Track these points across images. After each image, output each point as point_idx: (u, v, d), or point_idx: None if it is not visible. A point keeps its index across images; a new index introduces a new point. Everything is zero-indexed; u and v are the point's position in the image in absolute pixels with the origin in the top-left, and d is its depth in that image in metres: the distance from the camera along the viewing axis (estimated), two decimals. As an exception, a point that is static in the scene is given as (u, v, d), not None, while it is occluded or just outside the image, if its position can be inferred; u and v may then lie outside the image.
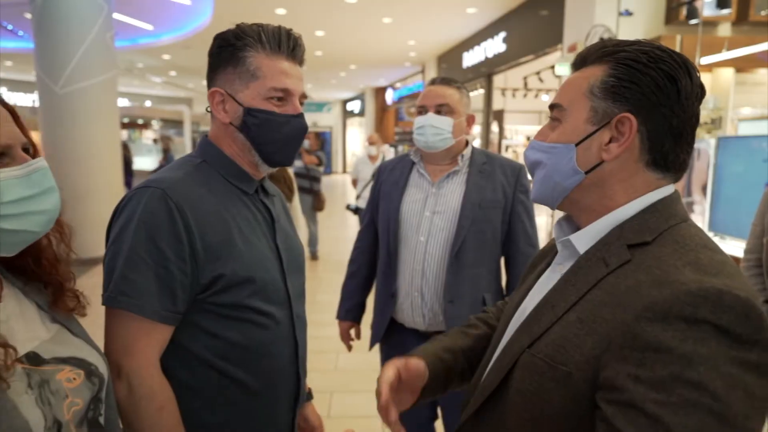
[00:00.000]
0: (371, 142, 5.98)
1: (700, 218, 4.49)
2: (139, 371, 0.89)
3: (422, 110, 1.59)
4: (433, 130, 1.54)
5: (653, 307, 0.57)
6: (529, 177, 0.83)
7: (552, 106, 0.75)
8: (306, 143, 6.31)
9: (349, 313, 1.80)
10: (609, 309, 0.61)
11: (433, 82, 1.62)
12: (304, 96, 1.04)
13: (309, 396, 1.22)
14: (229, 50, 0.98)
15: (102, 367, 0.74)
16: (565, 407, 0.63)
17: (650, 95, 0.66)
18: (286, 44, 0.99)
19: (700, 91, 0.68)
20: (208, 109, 1.02)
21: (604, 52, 0.71)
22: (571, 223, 0.79)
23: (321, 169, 6.23)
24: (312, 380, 1.20)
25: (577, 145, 0.70)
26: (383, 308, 1.65)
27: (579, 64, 0.75)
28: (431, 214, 1.58)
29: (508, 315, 0.83)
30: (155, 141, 15.06)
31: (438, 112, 1.56)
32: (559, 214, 0.81)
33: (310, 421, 1.23)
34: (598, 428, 0.59)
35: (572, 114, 0.71)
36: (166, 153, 10.91)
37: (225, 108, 1.00)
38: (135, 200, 0.91)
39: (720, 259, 0.62)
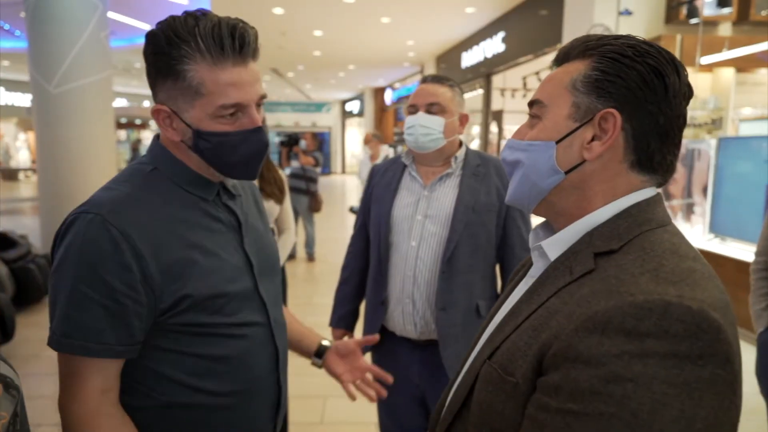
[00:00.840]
0: (365, 142, 5.88)
1: (700, 220, 4.44)
2: (85, 418, 0.82)
3: (413, 109, 1.53)
4: (423, 129, 1.49)
5: (595, 318, 0.53)
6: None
7: (531, 103, 0.70)
8: (303, 144, 6.26)
9: (342, 320, 1.75)
10: (558, 317, 0.58)
11: (424, 80, 1.56)
12: (262, 98, 0.89)
13: (321, 351, 1.20)
14: (164, 60, 0.83)
15: (16, 379, 0.69)
16: (515, 420, 0.59)
17: (636, 90, 0.62)
18: (230, 45, 0.82)
19: (688, 91, 0.64)
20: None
21: (587, 46, 0.66)
22: (548, 230, 0.74)
23: (318, 169, 6.17)
24: (305, 385, 1.16)
25: (557, 143, 0.66)
26: (373, 316, 1.60)
27: (561, 59, 0.70)
28: (423, 218, 1.52)
29: (482, 329, 0.80)
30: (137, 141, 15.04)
31: (429, 111, 1.50)
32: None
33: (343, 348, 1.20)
34: None
35: (553, 110, 0.67)
36: (135, 153, 10.92)
37: (173, 125, 0.88)
38: (74, 228, 0.82)
39: (687, 267, 0.56)
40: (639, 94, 0.61)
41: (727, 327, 0.51)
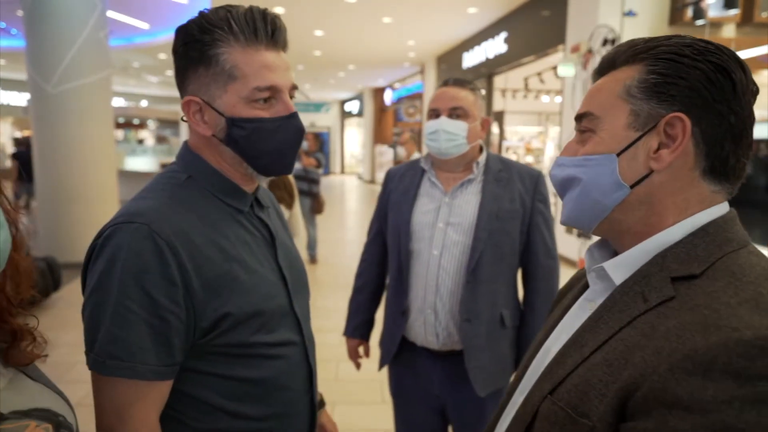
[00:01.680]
0: (402, 142, 5.54)
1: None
2: None
3: (434, 114, 1.48)
4: (447, 135, 1.44)
5: (694, 357, 0.47)
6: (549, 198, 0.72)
7: (580, 117, 0.64)
8: (305, 144, 6.21)
9: (357, 330, 1.69)
10: (642, 353, 0.52)
11: (445, 83, 1.51)
12: (294, 88, 0.87)
13: (321, 403, 1.13)
14: (196, 47, 0.81)
15: (70, 416, 0.62)
16: None
17: (702, 90, 0.57)
18: (263, 30, 0.81)
19: (755, 87, 0.59)
20: (184, 118, 0.87)
21: (635, 50, 0.61)
22: (604, 249, 0.69)
23: (320, 171, 6.12)
24: None
25: (618, 155, 0.60)
26: (393, 327, 1.55)
27: (606, 68, 0.65)
28: (445, 226, 1.47)
29: (530, 355, 0.74)
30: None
31: (451, 115, 1.46)
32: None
33: (326, 428, 1.13)
34: None
35: (608, 121, 0.61)
36: None
37: (204, 118, 0.84)
38: (116, 240, 0.76)
39: None
40: (705, 95, 0.57)
41: None
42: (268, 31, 0.82)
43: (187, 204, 0.84)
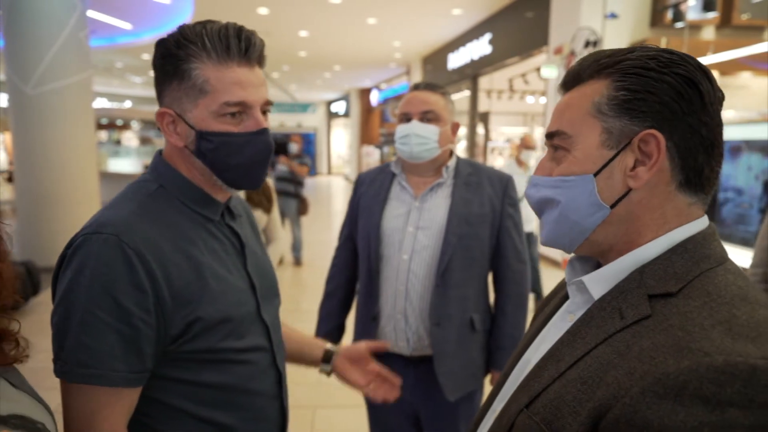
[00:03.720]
0: (527, 145, 4.52)
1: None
2: None
3: (405, 117, 1.48)
4: (418, 139, 1.44)
5: (665, 381, 0.46)
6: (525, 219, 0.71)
7: (551, 135, 0.63)
8: (294, 147, 6.21)
9: (328, 337, 1.67)
10: (615, 373, 0.51)
11: (416, 87, 1.51)
12: (268, 103, 0.89)
13: (329, 356, 1.17)
14: (171, 62, 0.84)
15: (50, 424, 0.62)
16: None
17: (671, 104, 0.56)
18: (236, 47, 0.83)
19: (721, 94, 0.59)
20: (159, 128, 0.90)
21: (600, 64, 0.60)
22: (586, 262, 0.68)
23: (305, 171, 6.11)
24: (294, 394, 1.12)
25: (595, 175, 0.59)
26: (364, 332, 1.54)
27: (571, 82, 0.63)
28: (415, 230, 1.47)
29: (510, 363, 0.74)
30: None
31: (423, 119, 1.45)
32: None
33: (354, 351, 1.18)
34: None
35: (581, 140, 0.60)
36: None
37: (176, 130, 0.87)
38: (84, 250, 0.78)
39: (764, 317, 0.50)
40: (675, 108, 0.56)
41: None
42: (241, 48, 0.83)
43: (156, 213, 0.85)
